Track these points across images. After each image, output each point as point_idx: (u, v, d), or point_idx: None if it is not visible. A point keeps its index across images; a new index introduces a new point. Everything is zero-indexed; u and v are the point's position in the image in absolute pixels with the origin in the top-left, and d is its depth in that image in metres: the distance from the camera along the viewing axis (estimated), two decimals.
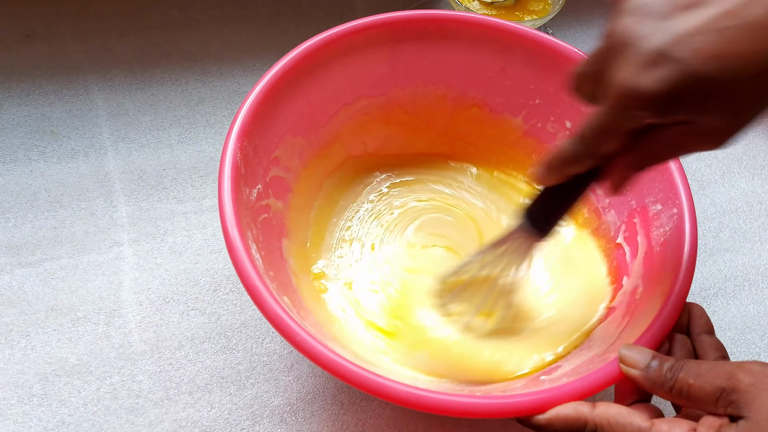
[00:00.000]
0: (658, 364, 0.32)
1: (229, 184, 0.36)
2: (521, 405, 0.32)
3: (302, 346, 0.32)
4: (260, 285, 0.33)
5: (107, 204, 0.50)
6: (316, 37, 0.43)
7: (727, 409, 0.29)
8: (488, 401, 0.31)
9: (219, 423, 0.42)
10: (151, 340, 0.45)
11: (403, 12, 0.46)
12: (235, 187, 0.37)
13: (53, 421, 0.41)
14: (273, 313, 0.33)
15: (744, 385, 0.28)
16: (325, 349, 0.32)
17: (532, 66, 0.47)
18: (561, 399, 0.32)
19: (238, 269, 0.34)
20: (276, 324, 0.32)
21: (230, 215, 0.35)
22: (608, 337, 0.38)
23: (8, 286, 0.46)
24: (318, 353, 0.32)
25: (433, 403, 0.31)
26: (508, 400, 0.32)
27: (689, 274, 0.36)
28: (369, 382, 0.31)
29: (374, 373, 0.31)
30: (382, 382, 0.31)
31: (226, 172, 0.37)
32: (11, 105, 0.54)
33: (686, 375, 0.30)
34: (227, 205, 0.36)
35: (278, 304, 0.33)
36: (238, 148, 0.38)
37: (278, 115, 0.43)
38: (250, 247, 0.35)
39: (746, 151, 0.61)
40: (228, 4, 0.63)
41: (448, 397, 0.31)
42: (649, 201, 0.42)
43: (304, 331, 0.32)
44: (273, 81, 0.41)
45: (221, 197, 0.36)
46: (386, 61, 0.47)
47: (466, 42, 0.47)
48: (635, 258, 0.42)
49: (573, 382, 0.32)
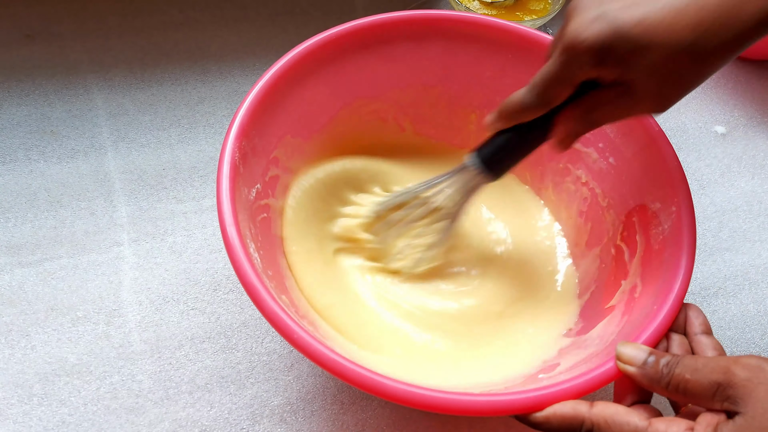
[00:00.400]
0: (654, 360, 0.32)
1: (228, 183, 0.36)
2: (518, 403, 0.32)
3: (300, 344, 0.32)
4: (258, 284, 0.33)
5: (107, 204, 0.50)
6: (316, 37, 0.43)
7: (723, 404, 0.29)
8: (486, 399, 0.31)
9: (219, 422, 0.42)
10: (151, 340, 0.45)
11: (403, 12, 0.46)
12: (234, 186, 0.37)
13: (53, 421, 0.41)
14: (270, 311, 0.33)
15: (739, 380, 0.28)
16: (323, 347, 0.32)
17: (534, 66, 0.47)
18: (559, 397, 0.32)
19: (236, 268, 0.34)
20: (274, 322, 0.32)
21: (228, 214, 0.35)
22: (607, 336, 0.38)
23: (8, 285, 0.46)
24: (315, 351, 0.32)
25: (432, 401, 0.31)
26: (505, 398, 0.32)
27: (688, 272, 0.36)
28: (368, 381, 0.31)
29: (374, 372, 0.31)
30: (381, 381, 0.31)
31: (225, 172, 0.37)
32: (11, 105, 0.54)
33: (682, 370, 0.30)
34: (225, 204, 0.36)
35: (276, 302, 0.33)
36: (236, 147, 0.38)
37: (277, 115, 0.43)
38: (248, 246, 0.35)
39: (746, 150, 0.61)
40: (228, 4, 0.63)
41: (448, 395, 0.31)
42: (648, 199, 0.42)
43: (302, 329, 0.32)
44: (272, 81, 0.41)
45: (219, 196, 0.36)
46: (386, 62, 0.47)
47: (466, 42, 0.47)
48: (634, 257, 0.42)
49: (571, 379, 0.32)
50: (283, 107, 0.43)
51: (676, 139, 0.61)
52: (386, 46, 0.46)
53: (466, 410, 0.31)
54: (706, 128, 0.63)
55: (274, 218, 0.42)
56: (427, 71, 0.48)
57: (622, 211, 0.44)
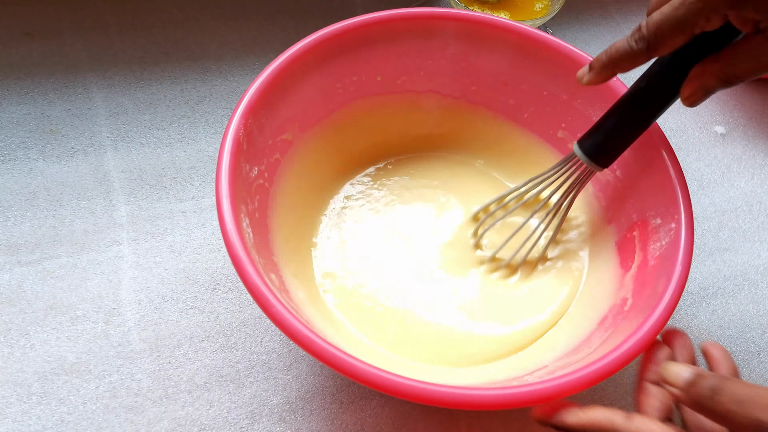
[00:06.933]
0: (697, 380, 0.30)
1: (229, 158, 0.37)
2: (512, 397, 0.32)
3: (276, 317, 0.32)
4: (260, 284, 0.33)
5: (107, 203, 0.50)
6: (333, 26, 0.44)
7: None
8: (482, 392, 0.32)
9: (218, 421, 0.42)
10: (150, 339, 0.45)
11: (408, 9, 0.46)
12: (235, 161, 0.37)
13: (52, 420, 0.41)
14: (253, 283, 0.33)
15: None
16: (310, 333, 0.32)
17: (534, 66, 0.47)
18: (556, 394, 0.32)
19: (226, 242, 0.34)
20: (252, 290, 0.33)
21: (225, 186, 0.36)
22: (592, 343, 0.38)
23: (7, 284, 0.46)
24: (294, 329, 0.32)
25: (429, 394, 0.31)
26: (503, 392, 0.32)
27: (679, 289, 0.36)
28: (371, 377, 0.31)
29: (376, 367, 0.31)
30: (385, 377, 0.31)
31: (227, 146, 0.38)
32: (10, 103, 0.54)
33: (727, 400, 0.29)
34: (224, 176, 0.36)
35: (260, 277, 0.33)
36: (242, 124, 0.39)
37: (287, 101, 0.43)
38: (242, 221, 0.36)
39: (746, 150, 0.61)
40: (227, 2, 0.63)
41: (445, 389, 0.31)
42: (649, 214, 0.42)
43: (282, 305, 0.33)
44: (286, 63, 0.42)
45: (219, 169, 0.37)
46: (390, 59, 0.47)
47: (467, 41, 0.47)
48: (628, 272, 0.42)
49: (565, 375, 0.33)
50: (292, 94, 0.43)
51: (676, 139, 0.61)
52: (391, 43, 0.46)
53: (462, 404, 0.31)
54: (706, 128, 0.62)
55: (271, 204, 0.43)
56: (433, 70, 0.49)
57: (623, 225, 0.44)
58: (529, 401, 0.32)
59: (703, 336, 0.50)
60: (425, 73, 0.49)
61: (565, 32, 0.67)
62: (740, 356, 0.49)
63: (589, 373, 0.33)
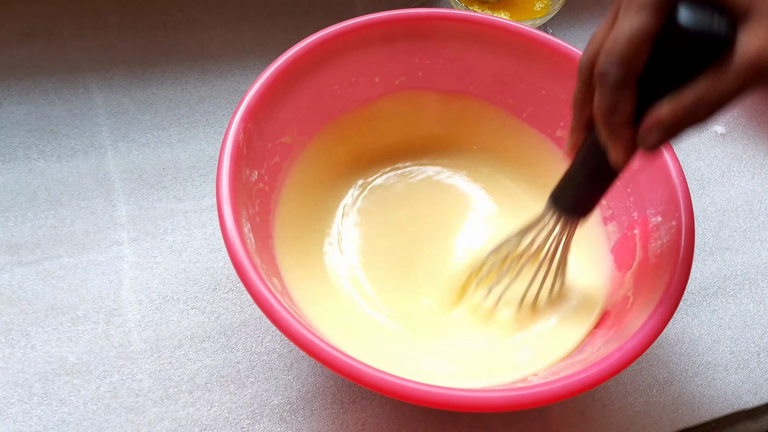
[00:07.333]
0: None
1: (229, 163, 0.37)
2: (513, 400, 0.32)
3: (280, 322, 0.32)
4: (261, 285, 0.33)
5: (107, 203, 0.50)
6: (330, 28, 0.44)
7: None
8: (481, 395, 0.32)
9: (219, 422, 0.42)
10: (150, 339, 0.45)
11: (407, 10, 0.46)
12: (235, 166, 0.37)
13: (53, 420, 0.41)
14: (252, 283, 0.33)
15: None
16: (312, 335, 0.32)
17: (534, 66, 0.47)
18: (561, 395, 0.32)
19: (227, 244, 0.34)
20: (255, 295, 0.33)
21: (225, 191, 0.36)
22: (594, 344, 0.38)
23: (8, 285, 0.46)
24: (291, 328, 0.32)
25: (431, 397, 0.31)
26: (501, 395, 0.32)
27: (681, 286, 0.36)
28: (374, 379, 0.31)
29: (378, 370, 0.31)
30: (387, 379, 0.31)
31: (227, 151, 0.37)
32: (11, 103, 0.54)
33: None
34: (224, 182, 0.36)
35: (263, 282, 0.33)
36: (241, 129, 0.39)
37: (286, 104, 0.43)
38: (243, 226, 0.36)
39: (746, 150, 0.61)
40: (228, 3, 0.63)
41: (447, 391, 0.31)
42: (650, 213, 0.42)
43: (280, 305, 0.33)
44: (284, 66, 0.42)
45: (219, 174, 0.37)
46: (390, 59, 0.47)
47: (467, 41, 0.47)
48: (629, 270, 0.42)
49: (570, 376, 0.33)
50: (291, 97, 0.43)
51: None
52: (395, 43, 0.47)
53: (465, 406, 0.31)
54: (706, 128, 0.63)
55: (271, 208, 0.43)
56: (433, 70, 0.49)
57: (624, 223, 0.44)
58: (534, 403, 0.32)
59: (703, 336, 0.50)
60: (424, 73, 0.49)
61: (565, 32, 0.67)
62: (740, 356, 0.49)
63: (594, 373, 0.33)
